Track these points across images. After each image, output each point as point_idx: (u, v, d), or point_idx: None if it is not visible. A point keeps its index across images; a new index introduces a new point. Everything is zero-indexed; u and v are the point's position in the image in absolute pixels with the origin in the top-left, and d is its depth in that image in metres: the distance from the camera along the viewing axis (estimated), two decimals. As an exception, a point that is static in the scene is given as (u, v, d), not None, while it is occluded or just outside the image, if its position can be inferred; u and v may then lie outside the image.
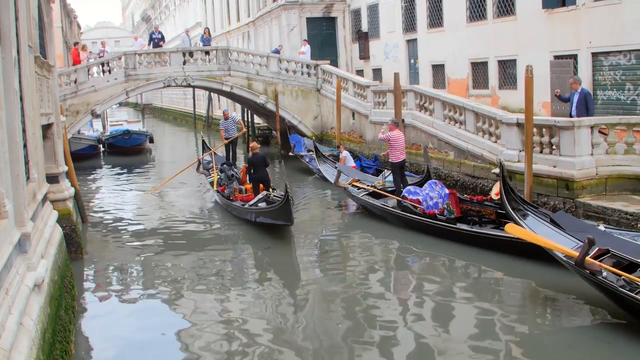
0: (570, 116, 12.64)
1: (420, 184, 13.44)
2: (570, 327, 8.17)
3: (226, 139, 19.09)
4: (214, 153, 18.88)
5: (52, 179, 11.58)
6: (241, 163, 20.98)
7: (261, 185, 14.33)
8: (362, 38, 26.64)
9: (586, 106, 12.60)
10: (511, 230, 9.04)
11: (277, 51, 26.04)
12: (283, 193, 12.47)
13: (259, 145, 15.22)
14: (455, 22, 20.17)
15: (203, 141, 20.43)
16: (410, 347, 7.64)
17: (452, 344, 7.64)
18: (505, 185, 10.10)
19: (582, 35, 15.08)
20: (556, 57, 15.88)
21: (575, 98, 12.73)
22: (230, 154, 19.41)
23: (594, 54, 14.91)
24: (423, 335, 7.91)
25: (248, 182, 15.56)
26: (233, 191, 15.31)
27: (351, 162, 18.09)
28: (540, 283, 9.38)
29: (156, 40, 26.46)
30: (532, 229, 9.05)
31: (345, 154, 18.30)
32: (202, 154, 19.31)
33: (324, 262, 11.28)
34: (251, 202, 13.96)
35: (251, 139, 27.39)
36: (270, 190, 14.21)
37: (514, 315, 8.39)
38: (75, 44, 28.39)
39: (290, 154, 21.53)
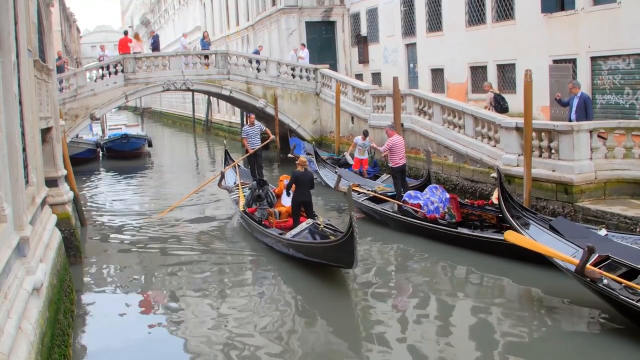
0: (570, 120, 12.65)
1: (420, 188, 13.43)
2: (570, 332, 8.13)
3: (251, 148, 16.94)
4: (238, 165, 16.87)
5: (51, 182, 11.57)
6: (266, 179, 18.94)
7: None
8: (362, 42, 26.69)
9: (585, 110, 12.62)
10: (510, 237, 8.99)
11: (256, 52, 26.72)
12: (329, 223, 11.29)
13: (307, 161, 12.64)
14: (455, 26, 20.22)
15: (226, 151, 18.02)
16: (409, 351, 7.62)
17: (451, 348, 7.64)
18: (503, 192, 10.07)
19: (581, 39, 15.11)
20: (555, 61, 15.93)
21: (575, 102, 12.76)
22: (256, 167, 17.06)
23: (593, 58, 14.95)
24: (422, 340, 7.91)
25: (283, 203, 13.13)
26: (266, 215, 12.83)
27: (364, 142, 17.62)
28: (540, 288, 9.36)
29: (150, 45, 26.58)
30: (532, 236, 9.02)
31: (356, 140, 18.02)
32: (225, 167, 16.88)
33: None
34: (293, 233, 11.18)
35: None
36: (321, 220, 11.34)
37: (514, 320, 8.37)
38: (126, 32, 27.19)
39: (290, 155, 21.44)
